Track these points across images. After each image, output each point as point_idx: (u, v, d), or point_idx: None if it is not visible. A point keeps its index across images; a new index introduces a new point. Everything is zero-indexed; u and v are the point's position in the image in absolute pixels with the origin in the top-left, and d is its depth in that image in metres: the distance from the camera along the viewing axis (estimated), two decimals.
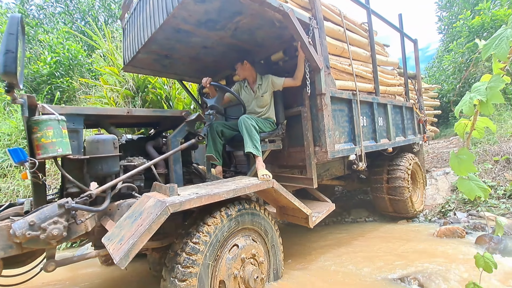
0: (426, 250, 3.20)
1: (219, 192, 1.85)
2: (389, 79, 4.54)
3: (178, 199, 1.66)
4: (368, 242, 3.73)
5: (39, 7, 14.20)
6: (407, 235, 3.89)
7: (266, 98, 2.89)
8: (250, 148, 2.39)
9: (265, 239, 2.21)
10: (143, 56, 3.32)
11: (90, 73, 9.57)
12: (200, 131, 2.57)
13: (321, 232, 4.46)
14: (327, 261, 3.14)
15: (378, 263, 2.92)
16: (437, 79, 12.42)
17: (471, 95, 1.09)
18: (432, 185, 5.48)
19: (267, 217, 2.19)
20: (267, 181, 2.19)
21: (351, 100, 3.29)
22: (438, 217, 4.52)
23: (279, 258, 2.35)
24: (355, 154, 3.22)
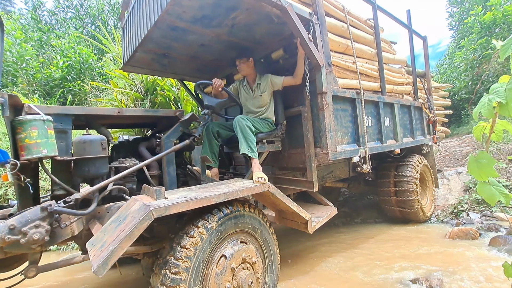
0: (438, 251, 3.11)
1: (209, 196, 1.75)
2: (397, 78, 4.35)
3: (164, 203, 1.56)
4: (378, 244, 3.63)
5: (51, 13, 14.54)
6: (418, 236, 3.78)
7: (264, 98, 2.78)
8: (245, 150, 2.29)
9: (255, 235, 2.08)
10: (141, 55, 3.26)
11: (101, 77, 9.74)
12: (194, 132, 2.48)
13: (329, 233, 4.36)
14: (331, 264, 3.05)
15: (387, 265, 2.84)
16: (449, 77, 12.05)
17: (490, 97, 1.02)
18: (444, 185, 5.33)
19: (253, 213, 2.05)
20: (262, 184, 2.08)
21: (354, 99, 3.14)
22: (451, 217, 4.40)
23: (273, 248, 2.24)
24: (358, 155, 3.07)
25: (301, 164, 2.91)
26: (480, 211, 4.34)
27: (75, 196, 1.75)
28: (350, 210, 5.52)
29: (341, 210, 5.47)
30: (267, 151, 2.68)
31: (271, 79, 2.76)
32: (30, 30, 11.58)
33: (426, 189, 4.67)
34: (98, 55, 10.95)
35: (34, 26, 12.38)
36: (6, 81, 8.57)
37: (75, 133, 5.16)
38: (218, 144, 2.70)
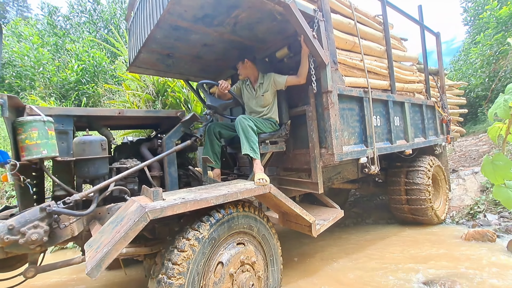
0: (453, 254, 3.03)
1: (207, 198, 1.71)
2: (407, 76, 4.20)
3: (160, 205, 1.53)
4: (389, 245, 3.54)
5: (65, 18, 15.00)
6: (431, 238, 3.68)
7: (267, 97, 2.72)
8: (247, 150, 2.24)
9: (252, 233, 2.03)
10: (146, 55, 3.27)
11: (114, 79, 9.98)
12: (196, 132, 2.45)
13: (338, 234, 4.28)
14: (340, 266, 2.99)
15: (398, 267, 2.79)
16: (464, 73, 11.63)
17: (506, 97, 1.00)
18: (459, 186, 5.17)
19: (247, 211, 1.99)
20: (263, 186, 2.02)
21: (362, 98, 3.04)
22: (467, 219, 4.27)
23: (273, 242, 2.19)
24: (366, 156, 2.96)
25: (306, 165, 2.84)
26: (497, 212, 4.16)
27: (75, 197, 1.75)
28: (361, 210, 5.43)
29: (352, 210, 5.43)
30: (271, 152, 2.62)
31: (274, 78, 2.70)
32: (47, 35, 11.99)
33: (439, 191, 4.49)
34: (111, 58, 11.22)
35: (50, 31, 12.80)
36: (25, 84, 8.88)
37: (80, 135, 5.25)
38: (220, 144, 2.66)
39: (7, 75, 8.70)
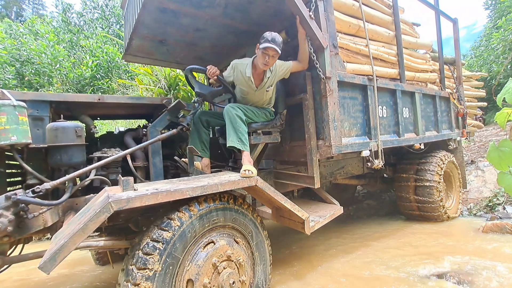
0: (470, 246, 2.98)
1: (183, 189, 1.57)
2: (419, 64, 3.90)
3: (127, 195, 1.41)
4: (403, 238, 3.44)
5: (79, 15, 15.21)
6: (447, 230, 3.61)
7: (271, 92, 2.48)
8: (234, 142, 2.07)
9: (237, 228, 1.91)
10: (138, 42, 3.15)
11: (127, 74, 10.10)
12: (182, 121, 2.31)
13: (351, 226, 4.15)
14: (350, 259, 2.86)
15: (413, 260, 2.73)
16: (485, 60, 10.93)
17: None
18: (478, 177, 4.99)
19: (226, 203, 1.84)
20: (248, 178, 1.86)
21: (366, 86, 2.80)
22: (485, 211, 4.16)
23: (261, 239, 2.05)
24: (369, 149, 2.74)
25: (303, 157, 2.65)
26: None
27: (45, 186, 1.64)
28: (375, 202, 5.31)
29: (365, 202, 5.37)
30: (263, 143, 2.44)
31: (278, 69, 2.41)
32: (62, 32, 12.20)
33: (452, 189, 4.18)
34: None
35: (65, 28, 13.03)
36: (43, 81, 9.10)
37: None
38: (208, 133, 2.51)
39: (27, 73, 8.92)
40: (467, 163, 5.75)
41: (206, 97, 2.42)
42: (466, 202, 4.53)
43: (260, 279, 1.99)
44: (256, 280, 1.97)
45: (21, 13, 22.05)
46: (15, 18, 19.58)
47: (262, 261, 2.02)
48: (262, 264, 2.02)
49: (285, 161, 2.97)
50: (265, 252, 2.05)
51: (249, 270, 1.93)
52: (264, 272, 2.03)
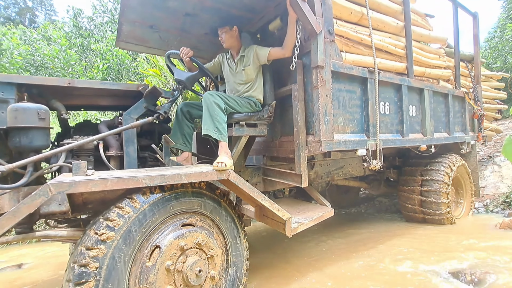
0: (486, 243, 2.90)
1: (139, 177, 1.41)
2: (431, 59, 3.58)
3: (70, 180, 1.27)
4: (418, 234, 3.33)
5: (89, 19, 15.48)
6: (464, 227, 3.52)
7: (248, 72, 2.34)
8: (209, 131, 1.90)
9: (204, 212, 1.76)
10: (129, 28, 3.03)
11: (136, 76, 10.23)
12: (159, 108, 2.15)
13: (364, 223, 4.01)
14: (361, 258, 2.74)
15: (428, 256, 2.66)
16: (500, 51, 10.20)
17: None
18: (494, 172, 4.88)
19: (194, 190, 1.71)
20: (219, 172, 1.68)
21: (366, 79, 2.55)
22: (502, 208, 4.10)
23: (236, 234, 1.91)
24: (366, 148, 2.50)
25: (292, 154, 2.44)
26: None
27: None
28: (387, 199, 5.17)
29: (377, 200, 5.28)
30: (247, 136, 2.25)
31: (256, 50, 2.31)
32: (73, 37, 12.43)
33: (463, 196, 3.85)
34: (133, 56, 11.44)
35: (76, 32, 13.27)
36: None
37: None
38: (191, 125, 2.35)
39: None
40: (483, 158, 5.47)
41: (185, 84, 2.25)
42: (482, 198, 4.41)
43: (231, 279, 1.82)
44: (227, 278, 1.80)
45: (34, 20, 22.73)
46: (29, 25, 20.12)
47: (237, 261, 1.85)
48: (235, 265, 1.85)
49: (275, 157, 2.78)
50: (241, 255, 1.88)
51: (220, 265, 1.77)
52: (237, 274, 1.85)
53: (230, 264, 1.81)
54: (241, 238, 1.89)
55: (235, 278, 1.84)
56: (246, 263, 1.92)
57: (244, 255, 1.91)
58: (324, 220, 2.41)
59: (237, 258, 1.86)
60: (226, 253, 1.82)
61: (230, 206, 1.88)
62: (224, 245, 1.81)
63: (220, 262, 1.75)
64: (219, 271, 1.72)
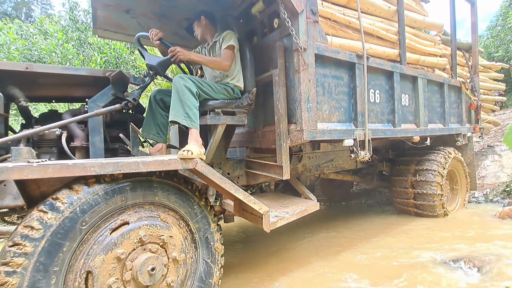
0: (484, 232, 2.91)
1: (87, 164, 1.26)
2: (426, 46, 3.41)
3: (2, 166, 1.12)
4: (418, 224, 3.27)
5: (86, 12, 15.20)
6: (463, 216, 3.53)
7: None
8: (178, 117, 1.74)
9: (168, 205, 1.60)
10: (103, 13, 2.85)
11: (135, 69, 10.03)
12: (127, 95, 1.99)
13: (368, 215, 3.92)
14: (364, 249, 2.69)
15: (429, 246, 2.65)
16: (502, 40, 10.01)
17: None
18: (495, 162, 4.88)
19: (156, 180, 1.56)
20: (184, 160, 1.52)
21: (354, 64, 2.39)
22: (502, 197, 4.10)
23: (208, 231, 1.75)
24: (353, 138, 2.34)
25: (274, 144, 2.28)
26: None
27: None
28: (387, 189, 4.96)
29: (378, 190, 5.19)
30: (224, 124, 2.09)
31: (223, 37, 2.15)
32: (70, 31, 12.17)
33: (458, 190, 3.71)
34: (131, 49, 11.23)
35: (73, 26, 13.01)
36: None
37: None
38: (165, 115, 2.19)
39: None
40: (483, 148, 5.41)
41: (157, 69, 2.09)
42: (482, 188, 4.43)
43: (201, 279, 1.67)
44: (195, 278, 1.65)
45: (30, 14, 22.47)
46: (25, 19, 19.83)
47: (209, 260, 1.70)
48: (207, 265, 1.70)
49: (258, 148, 2.63)
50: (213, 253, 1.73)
51: (186, 264, 1.62)
52: (209, 273, 1.71)
53: (199, 263, 1.66)
54: (214, 235, 1.73)
55: (206, 279, 1.69)
56: (219, 262, 1.77)
57: (217, 253, 1.76)
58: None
59: (209, 257, 1.71)
60: (195, 251, 1.67)
61: (203, 200, 1.72)
62: (193, 242, 1.66)
63: (186, 261, 1.60)
64: (182, 272, 1.57)
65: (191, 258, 1.65)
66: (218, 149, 2.35)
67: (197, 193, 1.67)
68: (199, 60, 2.09)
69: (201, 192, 1.71)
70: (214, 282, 1.73)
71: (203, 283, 1.69)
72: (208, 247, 1.70)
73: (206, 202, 1.71)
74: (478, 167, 4.92)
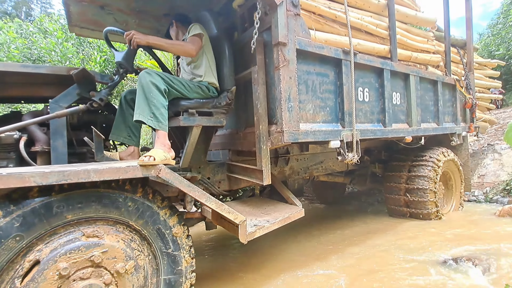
0: (484, 230, 2.90)
1: (25, 174, 1.10)
2: (419, 42, 3.28)
3: None
4: (419, 223, 3.20)
5: None
6: (463, 214, 3.54)
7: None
8: (143, 116, 1.58)
9: (125, 221, 1.42)
10: (77, 9, 2.68)
11: None
12: (93, 94, 1.83)
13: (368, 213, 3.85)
14: (363, 247, 2.69)
15: (429, 243, 2.66)
16: (503, 38, 9.98)
17: None
18: (495, 160, 4.87)
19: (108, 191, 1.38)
20: (145, 167, 1.37)
21: (340, 60, 2.24)
22: (502, 195, 4.08)
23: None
24: (340, 140, 2.20)
25: (255, 146, 2.14)
26: None
27: None
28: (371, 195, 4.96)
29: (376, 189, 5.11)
30: (199, 126, 1.94)
31: (191, 29, 2.02)
32: None
33: (452, 192, 3.58)
34: None
35: None
36: None
37: None
38: None
39: None
40: (483, 147, 5.36)
41: (125, 66, 1.93)
42: (482, 186, 4.44)
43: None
44: None
45: (30, 13, 22.34)
46: (25, 18, 19.68)
47: (168, 248, 1.54)
48: (167, 254, 1.54)
49: (240, 151, 2.47)
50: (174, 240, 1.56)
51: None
52: (175, 262, 1.55)
53: (160, 257, 1.49)
54: (167, 222, 1.53)
55: (173, 268, 1.53)
56: (185, 246, 1.60)
57: (179, 238, 1.58)
58: None
59: (169, 247, 1.53)
60: (150, 247, 1.50)
61: (138, 192, 1.52)
62: (143, 240, 1.49)
63: (140, 264, 1.43)
64: (137, 278, 1.40)
65: (148, 256, 1.49)
66: (196, 152, 2.20)
67: (128, 186, 1.45)
68: (160, 45, 1.92)
69: (134, 183, 1.50)
70: (185, 267, 1.57)
71: (172, 273, 1.54)
72: (164, 237, 1.52)
73: (145, 192, 1.50)
74: (478, 166, 4.89)
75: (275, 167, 2.82)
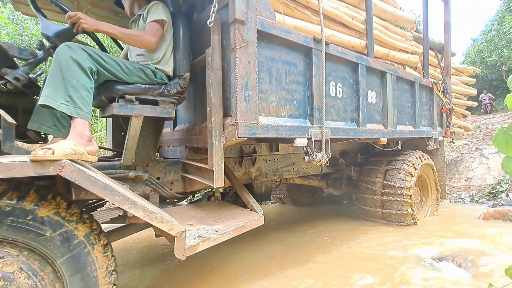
0: (468, 232, 2.94)
1: None
2: (396, 41, 3.14)
3: None
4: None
5: None
6: (448, 216, 3.54)
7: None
8: (53, 100, 1.24)
9: None
10: None
11: None
12: (6, 72, 1.48)
13: None
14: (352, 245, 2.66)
15: (413, 243, 2.66)
16: (496, 44, 10.33)
17: None
18: (482, 164, 4.97)
19: None
20: (40, 163, 1.04)
21: (311, 49, 2.01)
22: (487, 198, 4.16)
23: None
24: (307, 137, 1.96)
25: None
26: None
27: None
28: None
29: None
30: (139, 116, 1.63)
31: (149, 9, 1.73)
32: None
33: (427, 197, 3.45)
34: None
35: None
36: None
37: None
38: None
39: None
40: (472, 151, 5.48)
41: (55, 41, 1.60)
42: (469, 189, 4.51)
43: None
44: None
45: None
46: None
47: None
48: None
49: (197, 148, 2.18)
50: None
51: None
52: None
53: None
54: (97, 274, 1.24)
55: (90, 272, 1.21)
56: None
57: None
58: None
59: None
60: None
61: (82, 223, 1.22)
62: None
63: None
64: None
65: None
66: (143, 147, 1.89)
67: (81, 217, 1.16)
68: (113, 33, 1.61)
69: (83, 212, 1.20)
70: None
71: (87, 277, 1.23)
72: None
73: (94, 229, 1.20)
74: (466, 169, 4.95)
75: (240, 167, 2.55)
